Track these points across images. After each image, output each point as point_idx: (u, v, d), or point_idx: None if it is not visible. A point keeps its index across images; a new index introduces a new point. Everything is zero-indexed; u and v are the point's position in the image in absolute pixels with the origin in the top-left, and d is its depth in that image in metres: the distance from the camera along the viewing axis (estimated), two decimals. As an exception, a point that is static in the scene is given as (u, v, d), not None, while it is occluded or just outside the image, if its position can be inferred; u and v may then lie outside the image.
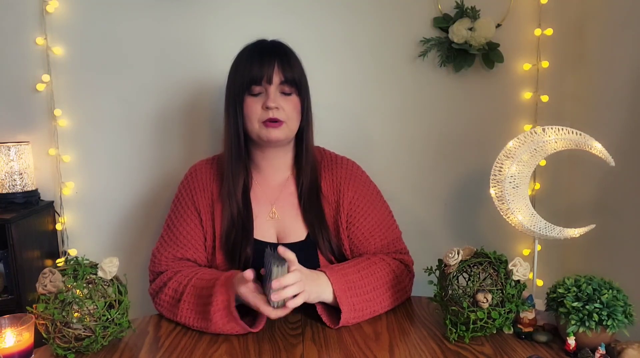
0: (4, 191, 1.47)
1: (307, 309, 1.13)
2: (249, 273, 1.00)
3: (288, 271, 0.99)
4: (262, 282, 1.03)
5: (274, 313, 0.98)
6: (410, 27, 1.59)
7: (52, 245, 1.58)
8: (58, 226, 1.59)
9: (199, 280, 1.09)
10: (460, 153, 1.66)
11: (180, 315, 1.07)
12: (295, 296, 0.99)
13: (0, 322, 0.91)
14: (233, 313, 1.00)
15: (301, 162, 1.22)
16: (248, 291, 1.01)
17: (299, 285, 0.99)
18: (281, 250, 0.99)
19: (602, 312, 0.90)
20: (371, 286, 1.11)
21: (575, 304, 0.92)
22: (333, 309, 1.08)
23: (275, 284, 0.95)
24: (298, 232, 1.19)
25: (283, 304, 0.98)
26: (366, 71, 1.61)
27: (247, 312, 1.06)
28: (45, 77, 1.52)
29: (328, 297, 1.06)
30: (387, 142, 1.64)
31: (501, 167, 1.14)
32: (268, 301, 0.98)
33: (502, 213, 1.17)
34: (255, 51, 1.16)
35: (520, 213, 1.14)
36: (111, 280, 0.98)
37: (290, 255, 1.00)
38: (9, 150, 1.46)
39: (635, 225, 1.34)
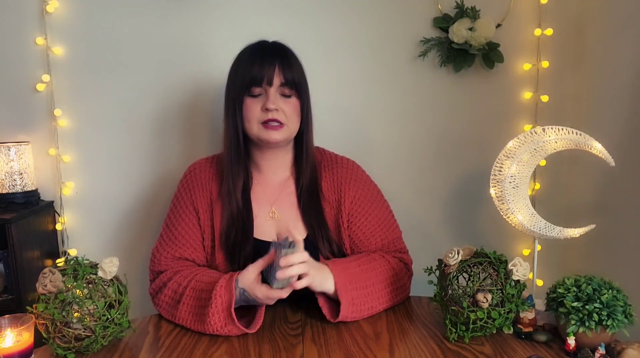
0: (4, 191, 1.47)
1: (307, 309, 1.14)
2: (255, 266, 1.03)
3: None
4: (264, 275, 1.04)
5: (285, 292, 1.01)
6: (410, 27, 1.59)
7: (52, 245, 1.58)
8: (58, 226, 1.59)
9: (197, 282, 1.08)
10: (460, 153, 1.66)
11: (178, 317, 1.07)
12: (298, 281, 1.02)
13: (0, 322, 0.91)
14: (232, 315, 1.00)
15: (301, 162, 1.22)
16: (253, 284, 1.02)
17: (305, 265, 1.01)
18: (291, 233, 1.03)
19: (602, 312, 0.90)
20: (371, 281, 1.11)
21: (575, 304, 0.92)
22: (333, 304, 1.09)
23: (282, 262, 0.98)
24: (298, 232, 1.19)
25: (287, 284, 1.01)
26: (366, 71, 1.61)
27: (243, 314, 1.06)
28: (45, 77, 1.52)
29: (330, 288, 1.06)
30: (387, 142, 1.64)
31: (501, 167, 1.14)
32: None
33: (502, 213, 1.17)
34: (255, 52, 1.16)
35: (520, 213, 1.14)
36: (111, 280, 0.98)
37: (299, 238, 1.02)
38: (9, 150, 1.46)
39: (635, 224, 1.34)
